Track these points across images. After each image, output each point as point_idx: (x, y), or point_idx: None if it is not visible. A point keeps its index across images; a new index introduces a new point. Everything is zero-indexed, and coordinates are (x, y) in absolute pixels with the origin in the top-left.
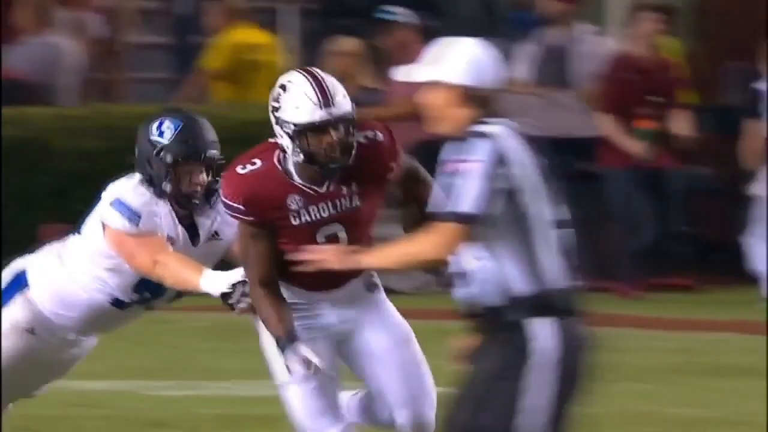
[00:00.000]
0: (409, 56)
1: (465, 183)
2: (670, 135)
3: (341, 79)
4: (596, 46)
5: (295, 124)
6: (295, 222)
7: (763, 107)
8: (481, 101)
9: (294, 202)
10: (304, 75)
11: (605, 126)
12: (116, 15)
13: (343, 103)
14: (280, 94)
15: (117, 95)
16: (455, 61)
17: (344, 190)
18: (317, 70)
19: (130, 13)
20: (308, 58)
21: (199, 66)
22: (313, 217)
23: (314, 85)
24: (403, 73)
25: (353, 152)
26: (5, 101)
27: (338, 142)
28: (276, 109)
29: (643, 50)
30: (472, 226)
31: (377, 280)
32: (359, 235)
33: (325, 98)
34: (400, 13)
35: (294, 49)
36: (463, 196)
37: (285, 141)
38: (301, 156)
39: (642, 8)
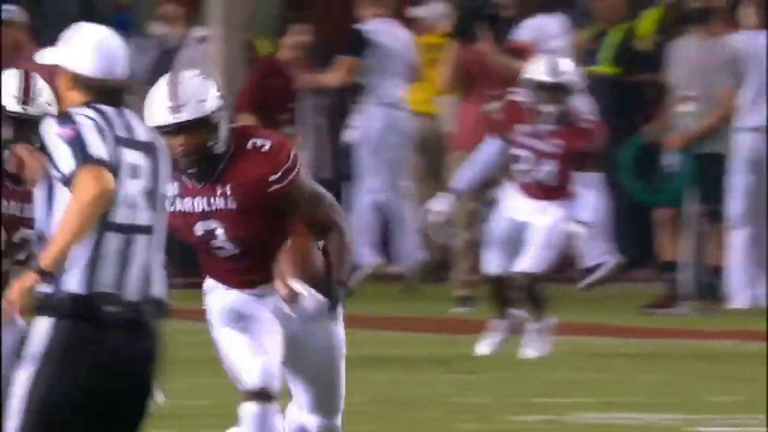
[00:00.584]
0: (19, 54)
1: (77, 140)
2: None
3: None
4: (199, 51)
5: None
6: (172, 208)
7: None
8: (91, 88)
9: (172, 187)
10: (165, 78)
11: None
12: None
13: (190, 108)
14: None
15: None
16: (73, 46)
17: (219, 189)
18: (183, 74)
19: None
20: None
21: None
22: (186, 209)
23: (166, 88)
24: (38, 56)
25: (215, 154)
26: None
27: (183, 147)
28: None
29: (289, 58)
30: (106, 168)
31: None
32: (242, 237)
33: (174, 102)
34: (10, 11)
35: None
36: (82, 147)
37: None
38: None
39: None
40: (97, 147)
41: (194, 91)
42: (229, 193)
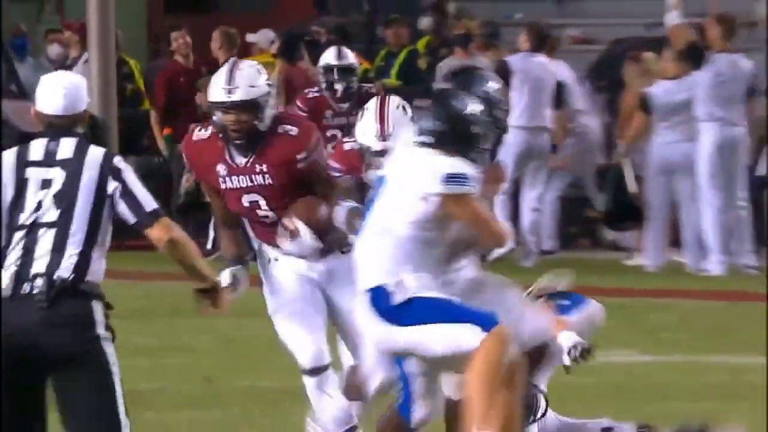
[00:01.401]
0: None
1: None
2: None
3: None
4: (84, 69)
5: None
6: (224, 186)
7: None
8: (41, 120)
9: (222, 169)
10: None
11: (154, 124)
12: None
13: (246, 91)
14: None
15: None
16: (39, 86)
17: (257, 168)
18: (241, 62)
19: None
20: None
21: None
22: (234, 185)
23: (227, 69)
24: None
25: (258, 133)
26: None
27: (235, 122)
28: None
29: (185, 61)
30: None
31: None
32: (279, 205)
33: (230, 83)
34: None
35: None
36: None
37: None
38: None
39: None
40: None
41: (247, 77)
42: (266, 170)
